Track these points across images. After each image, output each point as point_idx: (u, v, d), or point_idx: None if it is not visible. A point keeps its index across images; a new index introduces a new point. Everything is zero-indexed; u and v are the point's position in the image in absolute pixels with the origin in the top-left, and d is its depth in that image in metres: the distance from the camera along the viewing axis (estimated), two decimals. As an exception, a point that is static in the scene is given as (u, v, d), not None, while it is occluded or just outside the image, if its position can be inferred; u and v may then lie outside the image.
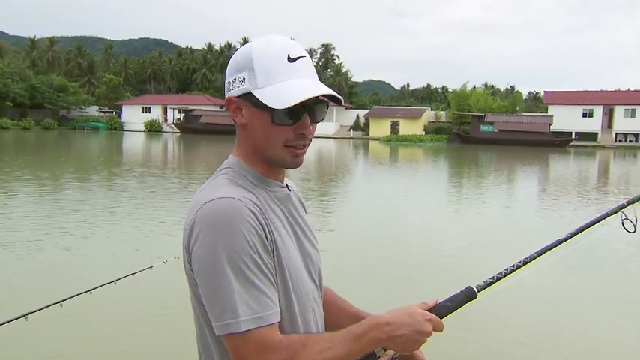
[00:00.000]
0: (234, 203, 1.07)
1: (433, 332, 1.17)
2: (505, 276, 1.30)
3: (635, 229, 1.43)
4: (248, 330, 1.02)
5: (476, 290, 1.26)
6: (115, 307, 5.45)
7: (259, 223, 1.09)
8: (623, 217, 1.44)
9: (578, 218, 12.46)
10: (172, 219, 10.68)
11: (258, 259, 1.06)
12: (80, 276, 6.61)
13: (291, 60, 1.15)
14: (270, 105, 1.11)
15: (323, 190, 16.90)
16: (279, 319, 1.08)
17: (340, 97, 1.20)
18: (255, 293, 1.04)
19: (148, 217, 10.99)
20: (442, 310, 1.22)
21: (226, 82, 1.20)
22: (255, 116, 1.16)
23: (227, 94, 1.19)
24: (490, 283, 1.29)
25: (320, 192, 16.37)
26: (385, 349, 1.17)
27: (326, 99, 1.19)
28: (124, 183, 17.53)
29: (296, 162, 1.20)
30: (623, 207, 1.45)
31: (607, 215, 1.46)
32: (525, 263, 1.35)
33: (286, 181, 1.30)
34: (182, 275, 1.18)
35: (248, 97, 1.15)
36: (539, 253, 1.38)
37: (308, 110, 1.16)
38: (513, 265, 1.32)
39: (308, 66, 1.18)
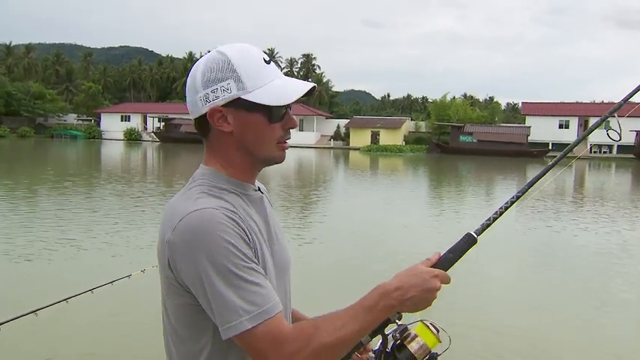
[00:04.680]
0: (212, 212, 1.09)
1: (442, 285, 1.18)
2: (500, 215, 1.33)
3: (620, 137, 1.45)
4: (255, 326, 1.04)
5: (475, 235, 1.28)
6: (92, 317, 5.36)
7: (240, 227, 1.11)
8: (608, 127, 1.45)
9: (556, 219, 12.65)
10: (151, 227, 10.56)
11: (246, 259, 1.08)
12: (57, 285, 6.48)
13: (267, 62, 1.20)
14: (273, 104, 1.16)
15: (302, 198, 16.88)
16: (282, 308, 1.09)
17: (316, 85, 1.26)
18: (252, 289, 1.06)
19: (127, 226, 10.85)
20: (446, 263, 1.23)
21: (200, 95, 1.18)
22: (247, 120, 1.18)
23: (208, 106, 1.17)
24: (488, 225, 1.31)
25: (299, 199, 16.36)
26: (398, 313, 1.17)
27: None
28: (102, 191, 17.30)
29: (283, 156, 1.26)
30: (606, 118, 1.46)
31: (591, 130, 1.48)
32: (518, 198, 1.38)
33: (257, 183, 1.32)
34: (159, 283, 1.17)
35: (236, 103, 1.17)
36: (530, 185, 1.40)
37: (289, 106, 1.22)
38: (507, 202, 1.35)
39: (276, 67, 1.24)
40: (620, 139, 1.46)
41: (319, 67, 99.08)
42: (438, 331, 1.21)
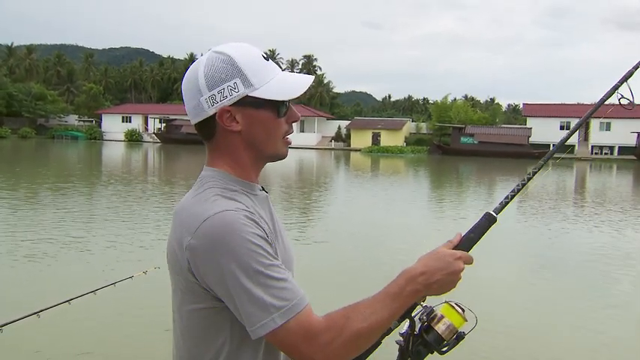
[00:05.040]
0: (232, 215, 1.09)
1: (465, 266, 1.21)
2: (518, 192, 1.35)
3: (632, 104, 1.43)
4: (286, 321, 1.05)
5: (495, 214, 1.30)
6: (94, 318, 5.36)
7: (260, 227, 1.12)
8: (619, 95, 1.43)
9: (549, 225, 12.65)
10: (153, 229, 10.57)
11: (270, 257, 1.09)
12: (59, 286, 6.49)
13: (266, 59, 1.21)
14: (281, 98, 1.19)
15: (303, 198, 16.89)
16: (308, 301, 1.10)
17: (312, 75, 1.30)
18: (280, 285, 1.07)
19: (129, 227, 10.86)
20: (467, 243, 1.25)
21: (205, 97, 1.17)
22: (256, 117, 1.19)
23: (216, 107, 1.17)
24: (506, 203, 1.33)
25: (300, 200, 16.36)
26: (424, 296, 1.20)
27: None
28: (104, 192, 17.32)
29: (287, 151, 1.27)
30: (617, 87, 1.43)
31: (604, 100, 1.44)
32: (534, 174, 1.39)
33: None
34: (162, 285, 1.18)
35: (243, 101, 1.17)
36: (545, 161, 1.41)
37: (289, 100, 1.24)
38: (524, 180, 1.37)
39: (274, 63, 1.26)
40: (632, 108, 1.43)
41: (320, 69, 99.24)
42: (463, 310, 1.22)
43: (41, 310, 2.95)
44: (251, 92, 1.16)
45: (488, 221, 1.29)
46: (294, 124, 1.27)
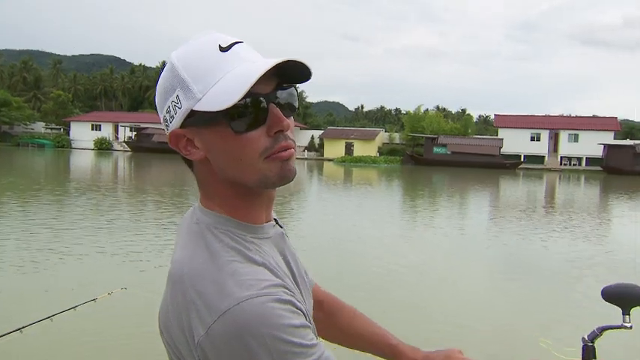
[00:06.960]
0: (258, 306, 0.79)
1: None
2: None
3: None
4: None
5: None
6: (49, 345, 4.97)
7: (294, 306, 0.83)
8: None
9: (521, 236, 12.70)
10: (119, 249, 10.09)
11: (305, 349, 0.81)
12: (7, 313, 6.05)
13: (223, 49, 0.84)
14: (214, 110, 0.81)
15: (275, 209, 16.62)
16: None
17: (305, 62, 0.86)
18: None
19: (93, 243, 10.35)
20: None
21: (161, 119, 0.89)
22: (212, 138, 0.85)
23: (169, 131, 0.88)
24: None
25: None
26: None
27: (291, 82, 0.89)
28: (70, 204, 16.74)
29: (287, 171, 0.87)
30: None
31: None
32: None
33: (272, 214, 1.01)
34: (127, 308, 1.05)
35: (192, 119, 0.84)
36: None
37: (272, 99, 0.85)
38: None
39: (249, 50, 0.87)
40: None
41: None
42: None
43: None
44: (195, 105, 0.83)
45: None
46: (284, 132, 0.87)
